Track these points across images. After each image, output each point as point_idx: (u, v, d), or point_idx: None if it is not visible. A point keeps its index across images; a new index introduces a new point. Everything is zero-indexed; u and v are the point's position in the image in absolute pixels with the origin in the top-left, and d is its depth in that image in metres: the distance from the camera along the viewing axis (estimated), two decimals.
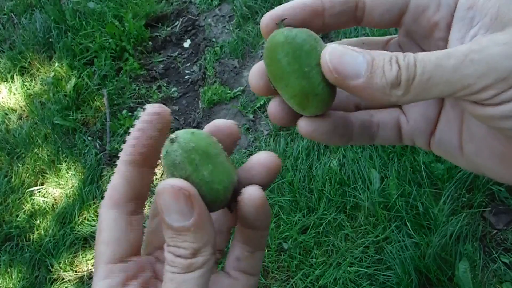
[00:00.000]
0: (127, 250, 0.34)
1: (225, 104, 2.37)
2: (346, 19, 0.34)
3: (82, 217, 2.07)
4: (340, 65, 0.29)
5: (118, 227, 0.34)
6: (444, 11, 0.32)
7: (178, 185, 0.31)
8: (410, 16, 0.33)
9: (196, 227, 0.31)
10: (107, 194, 0.35)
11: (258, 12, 2.63)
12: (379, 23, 0.34)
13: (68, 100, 2.49)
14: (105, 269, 0.33)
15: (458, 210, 1.65)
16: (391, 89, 0.28)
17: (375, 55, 0.29)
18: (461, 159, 0.35)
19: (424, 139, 0.37)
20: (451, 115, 0.35)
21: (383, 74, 0.28)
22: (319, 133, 0.34)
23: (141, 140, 0.34)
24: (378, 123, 0.37)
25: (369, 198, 1.75)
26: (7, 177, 2.29)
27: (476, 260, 1.53)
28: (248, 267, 0.37)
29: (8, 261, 1.99)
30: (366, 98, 0.30)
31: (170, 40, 2.80)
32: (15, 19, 3.11)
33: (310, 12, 0.33)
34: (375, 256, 1.65)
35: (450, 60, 0.27)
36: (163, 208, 0.31)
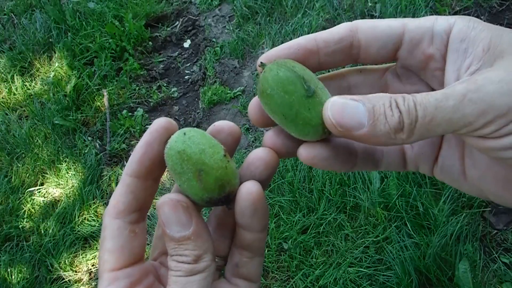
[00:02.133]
0: (131, 257, 0.35)
1: (225, 104, 2.37)
2: (342, 57, 0.35)
3: (82, 217, 2.07)
4: (342, 119, 0.30)
5: (121, 235, 0.35)
6: (437, 43, 0.33)
7: (176, 198, 0.33)
8: (405, 50, 0.34)
9: (195, 236, 0.33)
10: (111, 203, 0.36)
11: (258, 12, 2.63)
12: (375, 59, 0.35)
13: (68, 100, 2.49)
14: (109, 275, 0.34)
15: (458, 210, 1.65)
16: (395, 134, 0.29)
17: (375, 101, 0.30)
18: (464, 184, 0.35)
19: (428, 165, 0.37)
20: (452, 141, 0.35)
21: (386, 120, 0.29)
22: (320, 160, 0.34)
23: (147, 154, 0.35)
24: (382, 150, 0.38)
25: (369, 198, 1.75)
26: (7, 177, 2.29)
27: (476, 260, 1.53)
28: (247, 273, 0.38)
29: (8, 261, 1.99)
30: (372, 144, 0.31)
31: (170, 40, 2.80)
32: (15, 19, 3.11)
33: (305, 52, 0.35)
34: (375, 256, 1.65)
35: (449, 101, 0.28)
36: (164, 221, 0.33)
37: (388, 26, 0.34)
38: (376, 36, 0.34)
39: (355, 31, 0.34)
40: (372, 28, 0.34)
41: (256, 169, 0.36)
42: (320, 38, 0.35)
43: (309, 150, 0.34)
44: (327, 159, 0.34)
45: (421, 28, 0.33)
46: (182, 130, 0.35)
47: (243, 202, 0.34)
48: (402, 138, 0.29)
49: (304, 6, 2.55)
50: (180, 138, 0.34)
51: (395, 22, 0.34)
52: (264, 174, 0.36)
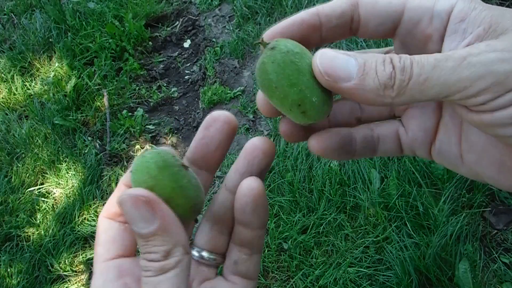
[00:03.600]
0: (121, 250, 0.35)
1: (225, 104, 2.37)
2: (343, 31, 0.35)
3: (82, 217, 2.07)
4: (330, 68, 0.29)
5: (113, 229, 0.36)
6: (437, 24, 0.32)
7: (136, 193, 0.32)
8: (404, 29, 0.34)
9: (162, 230, 0.31)
10: (105, 207, 0.37)
11: (258, 12, 2.63)
12: (373, 34, 0.35)
13: (68, 100, 2.49)
14: (101, 266, 0.35)
15: (458, 210, 1.65)
16: (384, 90, 0.28)
17: (368, 57, 0.29)
18: (461, 167, 0.35)
19: (424, 149, 0.37)
20: (450, 125, 0.35)
21: (376, 75, 0.28)
22: (330, 151, 0.35)
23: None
24: (379, 137, 0.38)
25: (369, 198, 1.75)
26: (7, 177, 2.29)
27: (476, 260, 1.53)
28: (245, 270, 0.38)
29: (8, 261, 1.99)
30: (360, 101, 0.30)
31: (170, 40, 2.80)
32: (15, 19, 3.11)
33: (308, 27, 0.34)
34: (375, 256, 1.65)
35: (448, 62, 0.27)
36: (128, 218, 0.32)
37: (388, 3, 0.33)
38: (375, 12, 0.33)
39: (356, 5, 0.34)
40: (373, 3, 0.33)
41: (254, 158, 0.36)
42: (323, 13, 0.34)
43: (319, 143, 0.35)
44: (337, 150, 0.35)
45: (421, 8, 0.32)
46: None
47: (244, 198, 0.34)
48: (391, 95, 0.28)
49: (304, 6, 2.55)
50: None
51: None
52: (262, 163, 0.36)
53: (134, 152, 2.28)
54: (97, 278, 0.34)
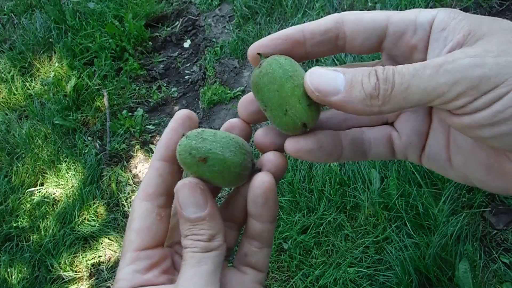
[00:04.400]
0: (154, 240, 0.38)
1: (225, 104, 2.37)
2: (328, 47, 0.37)
3: (82, 217, 2.07)
4: (320, 85, 0.32)
5: (149, 217, 0.38)
6: (420, 34, 0.34)
7: (195, 181, 0.36)
8: (389, 41, 0.35)
9: (210, 217, 0.36)
10: (141, 187, 0.39)
11: (258, 12, 2.63)
12: (360, 50, 0.36)
13: (68, 100, 2.49)
14: (132, 255, 0.37)
15: (458, 210, 1.65)
16: (370, 100, 0.30)
17: (355, 71, 0.31)
18: (450, 171, 0.36)
19: (416, 154, 0.38)
20: (438, 130, 0.36)
21: (362, 87, 0.30)
22: (304, 152, 0.36)
23: (173, 139, 0.38)
24: (370, 140, 0.39)
25: (369, 198, 1.75)
26: (7, 177, 2.29)
27: (476, 260, 1.53)
28: (255, 262, 0.41)
29: (8, 261, 1.99)
30: (349, 112, 0.32)
31: (170, 40, 2.80)
32: (15, 19, 3.11)
33: (292, 42, 0.36)
34: (375, 256, 1.65)
35: (426, 70, 0.29)
36: (181, 203, 0.36)
37: (372, 19, 0.35)
38: (360, 29, 0.35)
39: (341, 23, 0.35)
40: (357, 20, 0.35)
41: (268, 171, 0.38)
42: (307, 30, 0.36)
43: (294, 144, 0.36)
44: (311, 151, 0.36)
45: (404, 21, 0.34)
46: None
47: (256, 189, 0.37)
48: (377, 104, 0.30)
49: (304, 6, 2.55)
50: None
51: (380, 14, 0.35)
52: (274, 176, 0.39)
53: (134, 152, 2.28)
54: (127, 265, 0.36)
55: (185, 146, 0.36)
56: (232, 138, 0.37)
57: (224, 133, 0.38)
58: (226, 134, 0.38)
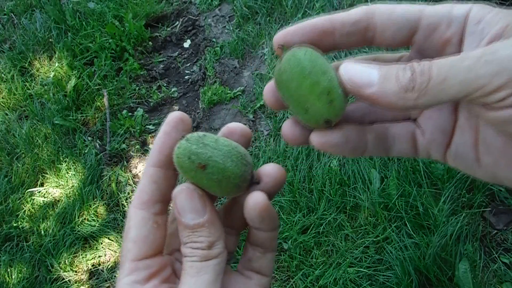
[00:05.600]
0: (152, 249, 0.37)
1: (225, 104, 2.37)
2: (357, 39, 0.35)
3: (82, 217, 2.07)
4: (354, 76, 0.31)
5: (145, 226, 0.37)
6: (455, 28, 0.33)
7: (192, 187, 0.35)
8: (422, 34, 0.34)
9: (209, 223, 0.35)
10: (136, 195, 0.38)
11: (258, 12, 2.63)
12: (391, 43, 0.35)
13: (68, 100, 2.49)
14: (130, 265, 0.36)
15: (458, 210, 1.65)
16: (405, 93, 0.29)
17: (389, 66, 0.31)
18: (478, 170, 0.35)
19: (440, 152, 0.37)
20: (465, 128, 0.35)
21: (396, 79, 0.30)
22: (331, 145, 0.35)
23: (166, 143, 0.37)
24: (394, 136, 0.38)
25: (369, 198, 1.75)
26: (7, 177, 2.29)
27: (476, 260, 1.53)
28: (260, 267, 0.40)
29: (8, 261, 1.99)
30: (382, 105, 0.31)
31: (170, 40, 2.80)
32: (15, 19, 3.11)
33: (320, 32, 0.35)
34: (375, 256, 1.65)
35: (465, 62, 0.28)
36: (179, 209, 0.35)
37: (405, 11, 0.34)
38: (392, 21, 0.34)
39: (372, 14, 0.34)
40: (389, 12, 0.34)
41: (265, 184, 0.38)
42: (337, 19, 0.35)
43: (319, 137, 0.35)
44: (337, 145, 0.35)
45: (438, 14, 0.33)
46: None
47: (251, 211, 0.36)
48: (412, 98, 0.29)
49: (304, 6, 2.55)
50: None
51: (412, 7, 0.34)
52: (272, 190, 0.38)
53: (134, 152, 2.28)
54: (126, 276, 0.36)
55: (184, 150, 0.35)
56: (234, 147, 0.37)
57: (226, 140, 0.37)
58: (228, 142, 0.37)
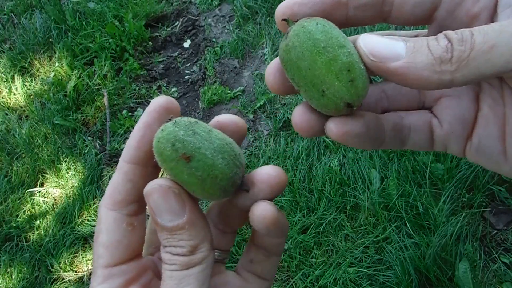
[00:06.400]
0: (128, 253, 0.32)
1: (225, 104, 2.37)
2: (372, 13, 0.31)
3: (82, 217, 2.07)
4: (376, 48, 0.27)
5: (118, 229, 0.32)
6: (484, 1, 0.28)
7: (166, 184, 0.29)
8: (444, 10, 0.30)
9: (190, 224, 0.30)
10: (108, 193, 0.33)
11: (258, 12, 2.63)
12: (408, 19, 0.31)
13: (68, 100, 2.49)
14: (103, 272, 0.31)
15: (458, 210, 1.65)
16: (440, 65, 0.25)
17: (417, 38, 0.27)
18: (504, 165, 0.31)
19: (459, 145, 0.33)
20: (490, 118, 0.31)
21: (429, 50, 0.25)
22: (352, 136, 0.30)
23: (146, 137, 0.31)
24: (410, 126, 0.34)
25: (369, 198, 1.75)
26: (7, 177, 2.29)
27: (476, 260, 1.53)
28: (261, 270, 0.36)
29: (8, 261, 1.99)
30: (411, 83, 0.26)
31: (170, 40, 2.80)
32: (15, 19, 3.11)
33: (332, 2, 0.30)
34: (375, 256, 1.65)
35: None
36: (154, 209, 0.30)
37: None
38: None
39: None
40: None
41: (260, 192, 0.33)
42: None
43: (339, 126, 0.30)
44: (359, 135, 0.30)
45: None
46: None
47: (257, 223, 0.31)
48: (449, 70, 0.24)
49: None
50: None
51: None
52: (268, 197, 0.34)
53: None
54: (99, 284, 0.31)
55: (169, 134, 0.29)
56: (228, 143, 0.31)
57: (220, 134, 0.31)
58: (222, 136, 0.31)
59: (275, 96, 2.26)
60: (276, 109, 2.23)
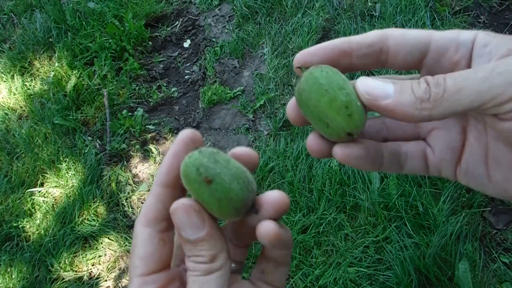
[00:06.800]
0: (159, 264, 0.38)
1: (225, 104, 2.37)
2: (372, 60, 0.38)
3: (82, 217, 2.07)
4: (371, 89, 0.33)
5: (151, 243, 0.37)
6: (463, 51, 0.35)
7: (189, 203, 0.35)
8: (431, 58, 0.36)
9: (209, 237, 0.35)
10: (142, 212, 0.38)
11: (258, 12, 2.63)
12: (402, 65, 0.37)
13: (68, 100, 2.49)
14: (138, 280, 0.37)
15: (458, 210, 1.65)
16: (421, 103, 0.31)
17: (403, 81, 0.32)
18: (489, 186, 0.36)
19: (450, 170, 0.39)
20: (475, 146, 0.37)
21: (412, 91, 0.31)
22: (353, 158, 0.36)
23: (175, 164, 0.37)
24: (406, 153, 0.40)
25: (369, 198, 1.75)
26: (7, 177, 2.29)
27: (476, 260, 1.54)
28: (272, 280, 0.41)
29: (8, 261, 1.99)
30: (398, 116, 0.32)
31: (170, 40, 2.80)
32: (15, 19, 3.11)
33: (339, 52, 0.37)
34: (375, 256, 1.65)
35: (479, 73, 0.30)
36: (178, 225, 0.36)
37: (416, 35, 0.36)
38: (404, 43, 0.36)
39: (386, 38, 0.37)
40: (402, 36, 0.36)
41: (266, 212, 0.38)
42: (354, 41, 0.37)
43: (342, 150, 0.36)
44: (360, 157, 0.36)
45: (446, 38, 0.36)
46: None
47: (262, 239, 0.36)
48: (427, 107, 0.30)
49: (304, 6, 2.55)
50: None
51: (423, 32, 0.36)
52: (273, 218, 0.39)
53: (134, 152, 2.29)
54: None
55: (195, 160, 0.35)
56: (244, 171, 0.37)
57: (237, 163, 0.37)
58: (239, 165, 0.37)
59: (275, 96, 2.26)
60: (276, 109, 2.23)
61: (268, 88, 2.30)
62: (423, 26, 2.25)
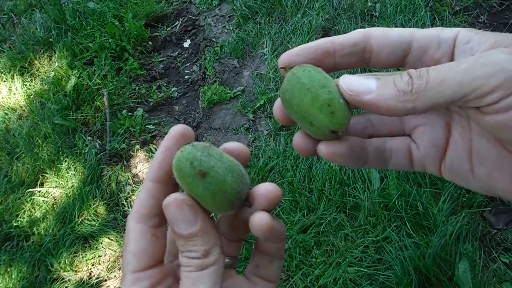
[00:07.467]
0: (152, 260, 0.37)
1: (225, 104, 2.37)
2: (355, 60, 0.38)
3: (82, 217, 2.07)
4: (353, 85, 0.33)
5: (144, 239, 0.37)
6: (444, 49, 0.35)
7: (181, 198, 0.35)
8: (413, 56, 0.36)
9: (202, 232, 0.35)
10: (134, 208, 0.38)
11: (258, 12, 2.63)
12: (385, 63, 0.38)
13: (68, 100, 2.49)
14: (132, 276, 0.37)
15: (457, 210, 1.65)
16: (404, 96, 0.31)
17: (386, 76, 0.33)
18: (473, 182, 0.37)
19: (434, 165, 0.39)
20: (459, 142, 0.37)
21: (394, 85, 0.31)
22: (338, 155, 0.37)
23: (167, 159, 0.37)
24: (391, 149, 0.40)
25: (369, 198, 1.75)
26: (7, 177, 2.29)
27: (476, 260, 1.54)
28: (266, 274, 0.41)
29: (8, 261, 1.99)
30: (382, 110, 0.32)
31: (170, 40, 2.80)
32: (15, 19, 3.11)
33: (322, 52, 0.37)
34: (375, 256, 1.65)
35: (462, 65, 0.30)
36: (171, 220, 0.35)
37: (398, 34, 0.36)
38: (387, 43, 0.36)
39: (368, 37, 0.37)
40: (384, 35, 0.37)
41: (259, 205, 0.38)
42: (337, 41, 0.37)
43: (327, 148, 0.36)
44: (344, 155, 0.37)
45: (428, 36, 0.36)
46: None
47: (255, 231, 0.36)
48: (410, 99, 0.30)
49: (304, 6, 2.55)
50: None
51: (405, 30, 0.37)
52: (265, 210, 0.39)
53: (134, 152, 2.28)
54: (130, 286, 0.36)
55: (188, 154, 0.34)
56: (237, 164, 0.37)
57: (230, 157, 0.37)
58: (231, 158, 0.37)
59: (275, 96, 2.26)
60: None
61: (268, 88, 2.30)
62: (423, 26, 2.25)
